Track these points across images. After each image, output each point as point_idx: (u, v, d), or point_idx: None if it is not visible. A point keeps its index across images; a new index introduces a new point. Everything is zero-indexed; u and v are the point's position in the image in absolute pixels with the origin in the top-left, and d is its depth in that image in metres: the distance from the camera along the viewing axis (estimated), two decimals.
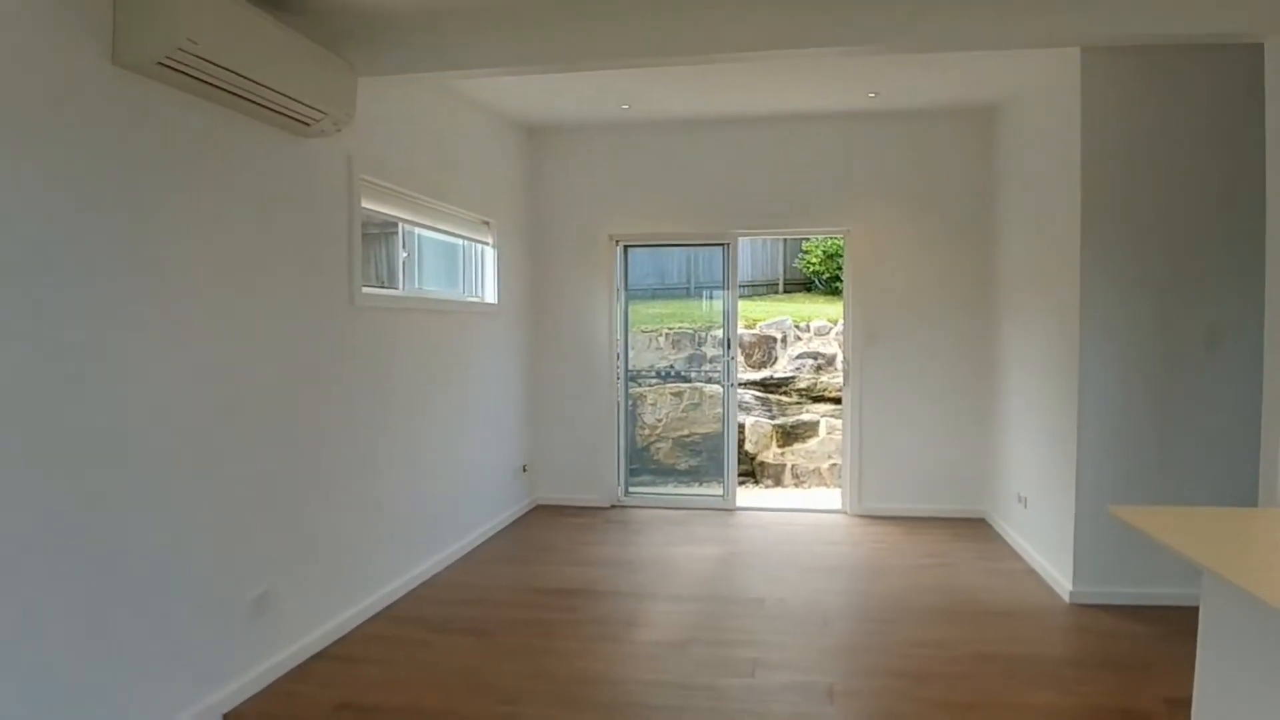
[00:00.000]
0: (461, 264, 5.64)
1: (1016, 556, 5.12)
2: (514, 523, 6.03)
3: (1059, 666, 3.53)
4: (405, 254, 4.83)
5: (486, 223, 5.73)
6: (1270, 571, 1.75)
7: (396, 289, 4.72)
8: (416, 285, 5.00)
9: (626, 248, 6.69)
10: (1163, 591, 4.22)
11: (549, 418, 6.58)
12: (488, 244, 5.78)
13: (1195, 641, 3.74)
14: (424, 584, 4.64)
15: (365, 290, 4.22)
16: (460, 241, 5.52)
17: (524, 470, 6.35)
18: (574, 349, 6.55)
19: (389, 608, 4.27)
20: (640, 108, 5.86)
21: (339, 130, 3.67)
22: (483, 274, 5.81)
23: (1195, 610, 4.12)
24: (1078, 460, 4.31)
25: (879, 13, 3.36)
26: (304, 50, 3.28)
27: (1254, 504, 3.91)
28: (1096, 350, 4.29)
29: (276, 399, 3.49)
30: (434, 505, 4.87)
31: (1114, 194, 4.25)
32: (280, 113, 3.30)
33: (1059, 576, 4.48)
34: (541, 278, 6.58)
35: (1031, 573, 4.80)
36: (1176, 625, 3.93)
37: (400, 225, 4.73)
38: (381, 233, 4.67)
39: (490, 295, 5.82)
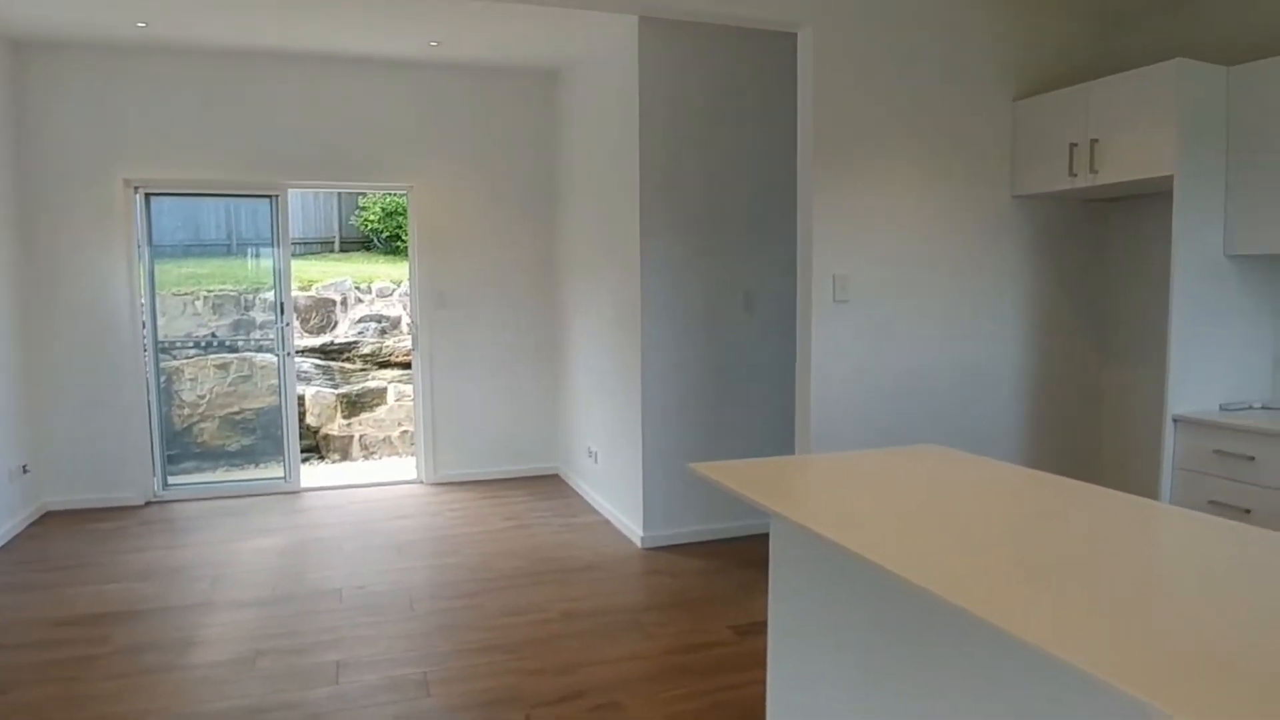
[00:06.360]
0: None
1: (591, 509, 5.36)
2: (16, 538, 4.82)
3: (639, 613, 3.73)
4: None
5: None
6: (819, 508, 2.00)
7: None
8: None
9: (149, 196, 5.65)
10: (714, 527, 4.73)
11: (55, 403, 5.35)
12: None
13: (745, 572, 4.27)
14: None
15: None
16: None
17: (24, 471, 5.10)
18: (84, 318, 5.38)
19: None
20: (163, 28, 4.89)
21: None
22: None
23: (741, 540, 4.74)
24: (643, 417, 4.59)
25: None
26: None
27: (791, 449, 4.51)
28: (655, 314, 4.57)
29: None
30: None
31: (668, 165, 4.53)
32: None
33: (631, 524, 4.77)
34: (34, 232, 5.26)
35: (606, 523, 5.06)
36: (728, 558, 4.45)
37: None
38: None
39: None
